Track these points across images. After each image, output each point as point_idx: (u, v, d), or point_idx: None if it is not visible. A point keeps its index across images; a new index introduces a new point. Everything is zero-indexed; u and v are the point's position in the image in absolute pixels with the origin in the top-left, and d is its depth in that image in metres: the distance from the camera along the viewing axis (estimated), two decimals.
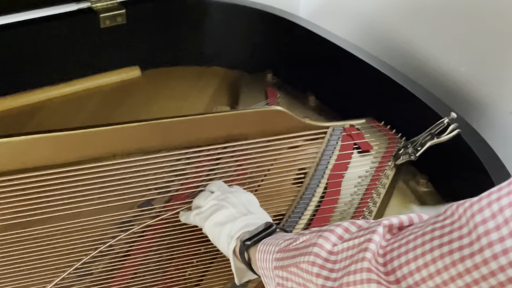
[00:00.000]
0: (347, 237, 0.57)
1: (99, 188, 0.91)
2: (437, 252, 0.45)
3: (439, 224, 0.47)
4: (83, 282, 0.81)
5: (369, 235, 0.53)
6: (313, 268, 0.56)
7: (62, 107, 1.16)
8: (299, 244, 0.61)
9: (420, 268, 0.47)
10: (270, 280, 0.65)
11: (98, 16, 1.16)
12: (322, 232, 0.59)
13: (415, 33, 1.19)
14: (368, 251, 0.52)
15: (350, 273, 0.52)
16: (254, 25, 1.25)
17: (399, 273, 0.48)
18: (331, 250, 0.57)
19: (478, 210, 0.43)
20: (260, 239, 0.71)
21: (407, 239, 0.49)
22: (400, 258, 0.49)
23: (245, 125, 1.01)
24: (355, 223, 0.58)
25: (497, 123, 1.05)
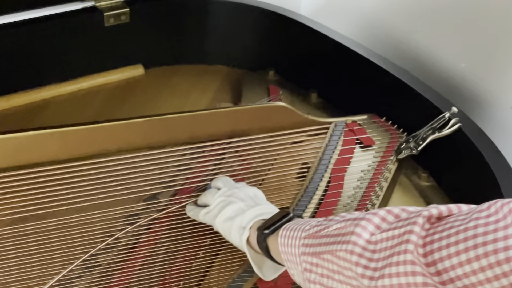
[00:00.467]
0: (384, 227, 0.57)
1: (105, 182, 0.92)
2: (481, 249, 0.46)
3: (482, 221, 0.47)
4: (91, 274, 0.82)
5: (409, 226, 0.53)
6: (352, 256, 0.57)
7: (67, 105, 1.17)
8: (332, 231, 0.61)
9: (462, 264, 0.47)
10: (295, 265, 0.66)
11: (102, 14, 1.17)
12: (359, 220, 0.59)
13: (416, 30, 1.20)
14: (410, 243, 0.52)
15: (393, 265, 0.52)
16: (256, 23, 1.26)
17: (440, 266, 0.49)
18: (369, 239, 0.57)
19: None
20: (279, 226, 0.71)
21: (448, 232, 0.50)
22: (441, 251, 0.49)
23: (248, 120, 1.02)
24: (391, 212, 0.58)
25: (497, 118, 1.06)
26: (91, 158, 0.94)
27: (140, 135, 0.97)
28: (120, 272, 0.83)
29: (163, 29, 1.25)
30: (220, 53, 1.29)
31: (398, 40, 1.24)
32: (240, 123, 1.02)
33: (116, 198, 0.91)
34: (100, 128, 0.95)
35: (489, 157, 0.92)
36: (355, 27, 1.32)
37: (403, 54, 1.22)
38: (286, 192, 0.95)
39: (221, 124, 1.01)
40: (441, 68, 1.15)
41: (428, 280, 0.50)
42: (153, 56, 1.26)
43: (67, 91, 1.20)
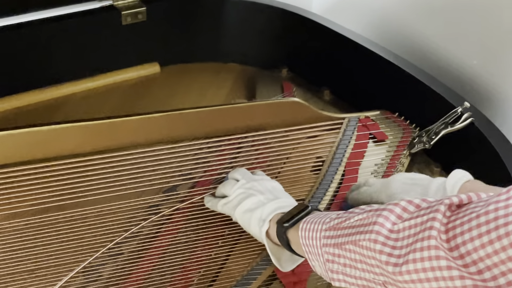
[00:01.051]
0: (406, 216, 0.59)
1: (125, 175, 0.95)
2: (503, 230, 0.48)
3: (502, 204, 0.49)
4: (115, 262, 0.85)
5: (432, 214, 0.55)
6: (375, 245, 0.58)
7: (85, 101, 1.20)
8: (354, 222, 0.63)
9: (484, 245, 0.49)
10: (317, 256, 0.68)
11: (119, 13, 1.19)
12: (381, 211, 0.61)
13: (428, 27, 1.22)
14: (434, 229, 0.54)
15: (416, 250, 0.54)
16: (269, 22, 1.28)
17: (463, 249, 0.51)
18: (392, 228, 0.59)
19: None
20: (299, 219, 0.73)
21: (469, 217, 0.51)
22: (463, 235, 0.51)
23: (264, 115, 1.04)
24: (412, 202, 0.60)
25: (509, 112, 1.08)
26: (112, 152, 0.96)
27: (159, 130, 1.00)
28: (142, 260, 0.85)
29: (179, 27, 1.28)
30: (235, 51, 1.31)
31: (409, 37, 1.26)
32: (255, 118, 1.04)
33: (135, 190, 0.94)
34: (120, 122, 0.97)
35: (501, 151, 0.94)
36: (366, 25, 1.34)
37: (415, 51, 1.24)
38: (302, 185, 0.97)
39: (237, 119, 1.03)
40: (453, 65, 1.17)
41: (451, 264, 0.51)
42: (169, 54, 1.29)
43: (85, 88, 1.22)
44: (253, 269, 0.84)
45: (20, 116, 1.13)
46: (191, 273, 0.84)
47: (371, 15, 1.36)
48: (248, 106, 1.06)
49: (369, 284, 0.61)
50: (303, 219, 0.73)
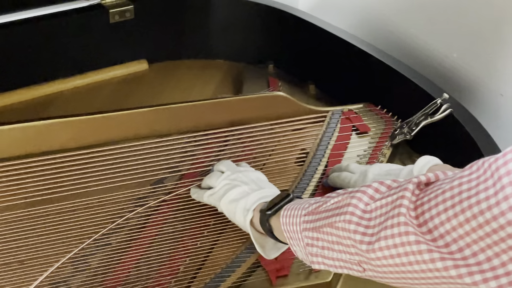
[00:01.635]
0: (378, 197, 0.61)
1: (114, 168, 0.97)
2: (466, 203, 0.50)
3: (466, 178, 0.51)
4: (103, 252, 0.87)
5: (401, 192, 0.57)
6: (350, 225, 0.61)
7: (74, 98, 1.22)
8: (330, 206, 0.66)
9: (450, 218, 0.51)
10: (298, 241, 0.70)
11: (107, 11, 1.21)
12: (354, 193, 0.63)
13: (410, 22, 1.24)
14: (403, 207, 0.56)
15: (387, 228, 0.56)
16: (256, 19, 1.31)
17: (430, 224, 0.53)
18: (365, 209, 0.61)
19: (503, 164, 0.47)
20: (281, 207, 0.76)
21: (435, 193, 0.54)
22: (431, 210, 0.53)
23: (249, 109, 1.07)
24: (383, 183, 0.62)
25: (488, 103, 1.11)
26: (101, 146, 0.98)
27: (147, 124, 1.02)
28: (130, 250, 0.87)
29: (166, 25, 1.30)
30: (221, 48, 1.33)
31: (392, 32, 1.28)
32: (241, 112, 1.06)
33: (124, 183, 0.96)
34: (109, 117, 0.99)
35: (480, 141, 0.96)
36: (350, 21, 1.37)
37: (397, 45, 1.26)
38: (286, 176, 1.00)
39: (223, 113, 1.06)
40: (434, 58, 1.20)
41: (420, 238, 0.54)
42: (156, 51, 1.31)
43: (74, 85, 1.24)
44: (237, 257, 0.86)
45: (10, 114, 1.15)
46: (177, 262, 0.86)
47: (355, 12, 1.38)
48: (234, 100, 1.08)
49: (346, 265, 0.64)
50: (284, 206, 0.75)
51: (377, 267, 0.58)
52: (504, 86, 1.08)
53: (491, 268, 0.49)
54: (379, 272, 0.59)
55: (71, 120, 0.97)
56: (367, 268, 0.60)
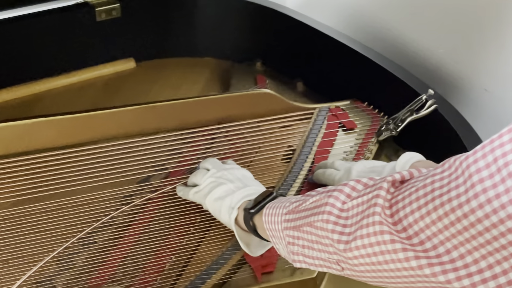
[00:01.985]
0: (355, 195, 0.62)
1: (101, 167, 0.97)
2: (438, 201, 0.50)
3: (438, 176, 0.52)
4: (89, 250, 0.87)
5: (376, 191, 0.58)
6: (327, 225, 0.61)
7: (61, 98, 1.21)
8: (309, 204, 0.66)
9: (423, 216, 0.52)
10: (280, 240, 0.71)
11: (94, 10, 1.21)
12: (331, 192, 0.64)
13: (396, 19, 1.25)
14: (377, 206, 0.56)
15: (363, 227, 0.57)
16: (243, 16, 1.30)
17: (405, 222, 0.53)
18: (342, 207, 0.61)
19: (473, 162, 0.48)
20: (264, 205, 0.76)
21: (409, 191, 0.54)
22: (405, 209, 0.54)
23: (236, 107, 1.07)
24: (360, 181, 0.63)
25: (472, 99, 1.11)
26: (87, 145, 0.98)
27: (134, 122, 1.02)
28: (116, 248, 0.87)
29: (154, 23, 1.29)
30: (209, 46, 1.33)
31: (378, 29, 1.29)
32: (228, 110, 1.06)
33: (111, 181, 0.96)
34: (95, 116, 0.99)
35: (464, 136, 0.97)
36: (338, 18, 1.37)
37: (384, 42, 1.27)
38: (273, 173, 1.00)
39: (210, 110, 1.06)
40: (420, 54, 1.20)
41: (395, 237, 0.54)
42: (144, 49, 1.31)
43: (61, 84, 1.24)
44: (223, 254, 0.86)
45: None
46: (163, 259, 0.86)
47: (341, 9, 1.38)
48: (221, 98, 1.08)
49: (325, 264, 0.64)
50: (267, 205, 0.75)
51: (354, 266, 0.59)
52: (488, 81, 1.09)
53: (464, 265, 0.49)
54: (356, 271, 0.59)
55: (57, 119, 0.97)
56: (345, 267, 0.61)
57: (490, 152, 0.47)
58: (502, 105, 1.08)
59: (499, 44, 1.06)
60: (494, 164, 0.46)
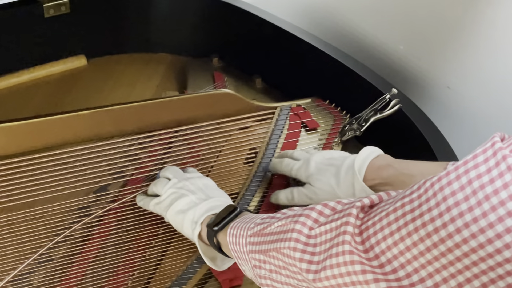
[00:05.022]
0: (322, 220, 0.59)
1: (52, 176, 0.92)
2: (411, 226, 0.48)
3: (407, 199, 0.50)
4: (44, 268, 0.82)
5: (345, 218, 0.56)
6: (295, 253, 0.58)
7: (9, 99, 1.15)
8: (274, 228, 0.63)
9: (397, 243, 0.49)
10: (245, 262, 0.68)
11: (41, 5, 1.15)
12: (298, 217, 0.61)
13: (356, 14, 1.23)
14: (347, 234, 0.54)
15: (333, 256, 0.54)
16: (198, 10, 1.26)
17: (377, 249, 0.51)
18: (309, 234, 0.59)
19: (447, 184, 0.46)
20: (227, 223, 0.73)
21: (379, 216, 0.52)
22: (376, 235, 0.51)
23: (195, 108, 1.03)
24: (327, 205, 0.60)
25: (435, 97, 1.10)
26: (38, 152, 0.93)
27: (87, 127, 0.97)
28: (74, 265, 0.83)
29: (105, 18, 1.24)
30: (164, 41, 1.29)
31: (339, 25, 1.27)
32: (187, 111, 1.02)
33: (65, 191, 0.91)
34: (46, 121, 0.94)
35: (428, 136, 0.96)
36: (297, 13, 1.34)
37: (345, 39, 1.25)
38: (236, 178, 0.97)
39: (168, 113, 1.02)
40: (382, 51, 1.19)
41: (366, 267, 0.52)
42: (95, 46, 1.25)
43: (9, 84, 1.18)
44: (188, 268, 0.83)
45: None
46: (124, 276, 0.82)
47: (300, 3, 1.36)
48: (178, 99, 1.04)
49: None
50: (232, 222, 0.72)
51: None
52: (450, 78, 1.08)
53: None
54: None
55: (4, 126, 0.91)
56: None
57: (464, 174, 0.45)
58: (465, 102, 1.07)
59: (461, 41, 1.05)
60: (468, 187, 0.45)
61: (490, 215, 0.43)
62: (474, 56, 1.04)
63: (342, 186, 0.81)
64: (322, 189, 0.83)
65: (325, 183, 0.83)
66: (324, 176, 0.83)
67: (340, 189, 0.81)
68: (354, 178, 0.80)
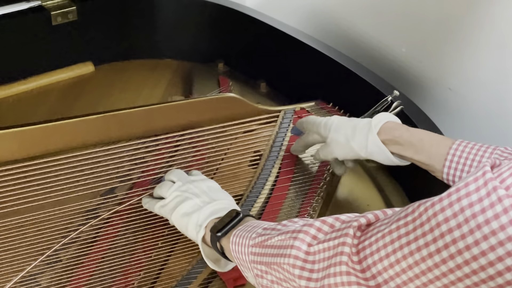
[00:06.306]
0: (321, 237, 0.60)
1: (61, 179, 0.94)
2: (406, 249, 0.50)
3: (402, 222, 0.51)
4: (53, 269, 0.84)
5: (342, 238, 0.57)
6: (294, 270, 0.60)
7: (18, 105, 1.17)
8: (275, 242, 0.65)
9: (393, 265, 0.51)
10: (248, 269, 0.69)
11: (49, 13, 1.17)
12: (297, 233, 0.62)
13: (359, 18, 1.24)
14: (344, 255, 0.56)
15: (330, 276, 0.56)
16: (203, 17, 1.28)
17: (374, 270, 0.53)
18: (308, 250, 0.60)
19: (440, 210, 0.47)
20: (230, 228, 0.74)
21: (375, 237, 0.54)
22: (373, 256, 0.53)
23: (200, 112, 1.05)
24: (325, 221, 0.61)
25: (437, 98, 1.11)
26: (47, 156, 0.95)
27: (95, 132, 0.99)
28: (82, 266, 0.85)
29: (111, 25, 1.26)
30: (170, 47, 1.31)
31: (342, 28, 1.28)
32: (192, 116, 1.04)
33: (73, 194, 0.93)
34: (54, 126, 0.96)
35: None
36: (300, 17, 1.36)
37: (348, 42, 1.26)
38: (240, 180, 0.98)
39: (173, 117, 1.03)
40: (384, 54, 1.20)
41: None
42: (102, 53, 1.27)
43: (18, 91, 1.20)
44: (193, 268, 0.84)
45: None
46: (131, 276, 0.84)
47: (304, 8, 1.37)
48: (184, 103, 1.06)
49: None
50: (235, 229, 0.74)
51: None
52: (452, 80, 1.09)
53: None
54: None
55: (14, 131, 0.93)
56: None
57: (457, 201, 0.47)
58: (466, 104, 1.08)
59: (463, 43, 1.06)
60: (461, 214, 0.46)
61: (482, 243, 0.45)
62: (475, 58, 1.05)
63: (356, 137, 0.87)
64: (337, 140, 0.90)
65: (342, 134, 0.89)
66: (342, 128, 0.90)
67: (354, 140, 0.87)
68: (369, 131, 0.86)
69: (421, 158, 0.83)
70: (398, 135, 0.85)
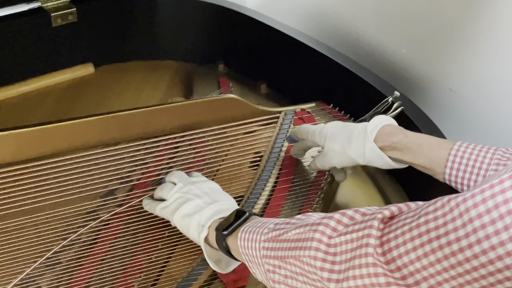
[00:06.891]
0: (341, 229, 0.60)
1: (61, 181, 0.94)
2: (436, 243, 0.50)
3: (431, 216, 0.51)
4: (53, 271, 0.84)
5: (366, 230, 0.57)
6: (316, 262, 0.60)
7: (18, 106, 1.17)
8: (291, 236, 0.65)
9: (420, 258, 0.51)
10: (257, 266, 0.69)
11: (49, 15, 1.17)
12: (316, 225, 0.62)
13: (360, 19, 1.24)
14: (370, 246, 0.55)
15: (355, 267, 0.56)
16: (204, 18, 1.28)
17: (399, 262, 0.53)
18: (329, 242, 0.60)
19: (473, 206, 0.47)
20: (237, 227, 0.74)
21: (401, 229, 0.53)
22: (399, 248, 0.53)
23: (200, 113, 1.04)
24: (345, 214, 0.61)
25: (438, 99, 1.11)
26: (47, 158, 0.95)
27: (95, 133, 0.99)
28: (82, 268, 0.84)
29: (111, 26, 1.26)
30: (170, 48, 1.31)
31: (343, 30, 1.28)
32: (192, 117, 1.04)
33: (73, 196, 0.93)
34: (54, 128, 0.96)
35: None
36: (300, 18, 1.36)
37: (348, 43, 1.26)
38: (241, 181, 0.98)
39: (174, 118, 1.03)
40: (385, 55, 1.20)
41: (390, 280, 0.53)
42: (102, 54, 1.27)
43: (19, 93, 1.20)
44: (193, 269, 0.84)
45: None
46: (131, 278, 0.83)
47: (304, 9, 1.37)
48: (184, 105, 1.05)
49: None
50: (242, 226, 0.73)
51: None
52: (453, 81, 1.09)
53: None
54: None
55: (14, 133, 0.93)
56: None
57: (491, 198, 0.47)
58: (467, 104, 1.08)
59: (463, 44, 1.06)
60: (495, 210, 0.46)
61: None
62: (476, 58, 1.05)
63: (353, 145, 0.85)
64: (333, 149, 0.88)
65: (338, 142, 0.87)
66: (338, 137, 0.88)
67: (351, 148, 0.85)
68: (366, 138, 0.84)
69: (421, 163, 0.82)
70: (396, 141, 0.83)
